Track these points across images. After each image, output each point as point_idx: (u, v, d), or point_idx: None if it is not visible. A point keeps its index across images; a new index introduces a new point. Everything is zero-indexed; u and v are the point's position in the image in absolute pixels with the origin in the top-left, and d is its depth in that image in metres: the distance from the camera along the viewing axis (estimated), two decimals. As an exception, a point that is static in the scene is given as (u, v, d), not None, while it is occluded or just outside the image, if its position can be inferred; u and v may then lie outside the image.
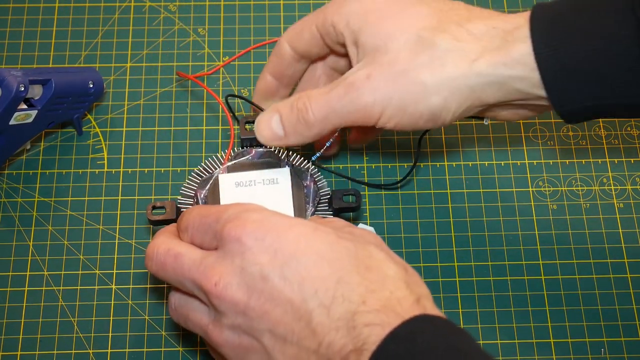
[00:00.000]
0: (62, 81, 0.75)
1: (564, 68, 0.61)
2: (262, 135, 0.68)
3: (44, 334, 0.71)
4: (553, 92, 0.63)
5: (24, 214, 0.77)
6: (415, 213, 0.77)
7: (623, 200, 0.78)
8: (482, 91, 0.63)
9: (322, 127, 0.66)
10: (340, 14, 0.67)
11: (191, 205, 0.70)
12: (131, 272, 0.74)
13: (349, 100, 0.65)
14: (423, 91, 0.63)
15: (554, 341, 0.71)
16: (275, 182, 0.70)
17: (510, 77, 0.63)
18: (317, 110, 0.66)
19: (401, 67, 0.64)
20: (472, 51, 0.63)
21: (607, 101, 0.62)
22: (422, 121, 0.65)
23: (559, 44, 0.61)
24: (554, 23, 0.62)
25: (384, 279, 0.56)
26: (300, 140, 0.68)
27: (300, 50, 0.71)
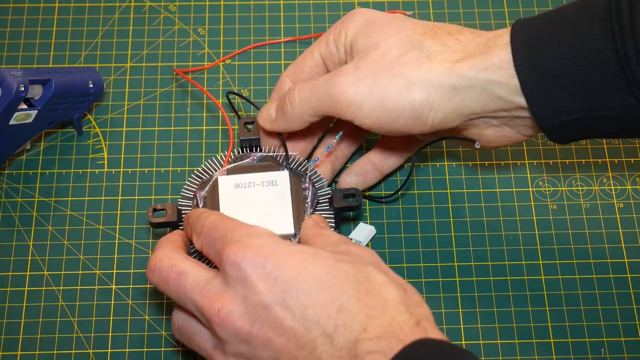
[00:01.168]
0: (62, 81, 0.75)
1: (542, 75, 0.62)
2: (259, 119, 0.71)
3: (44, 334, 0.71)
4: (533, 102, 0.63)
5: (24, 214, 0.77)
6: (415, 213, 0.77)
7: (623, 200, 0.78)
8: (464, 94, 0.64)
9: (303, 107, 0.67)
10: (342, 30, 0.69)
11: (191, 206, 0.70)
12: (131, 272, 0.74)
13: (332, 83, 0.65)
14: (406, 85, 0.64)
15: (554, 341, 0.71)
16: (274, 184, 0.70)
17: (490, 82, 0.63)
18: (301, 90, 0.67)
19: (389, 62, 0.65)
20: (456, 55, 0.64)
21: (587, 113, 0.62)
22: (403, 120, 0.65)
23: (537, 52, 0.62)
24: (533, 32, 0.62)
25: (384, 303, 0.56)
26: (285, 122, 0.69)
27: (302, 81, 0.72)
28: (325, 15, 0.87)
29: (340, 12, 0.88)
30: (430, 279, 0.74)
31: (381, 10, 0.86)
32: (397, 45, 0.65)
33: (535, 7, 0.87)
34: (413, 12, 0.86)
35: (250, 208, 0.69)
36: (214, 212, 0.64)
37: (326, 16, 0.87)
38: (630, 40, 0.59)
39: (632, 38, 0.59)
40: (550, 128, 0.64)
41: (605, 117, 0.62)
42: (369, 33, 0.67)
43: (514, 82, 0.63)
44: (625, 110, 0.61)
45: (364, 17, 0.68)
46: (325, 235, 0.63)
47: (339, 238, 0.62)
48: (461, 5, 0.88)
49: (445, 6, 0.88)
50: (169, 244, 0.64)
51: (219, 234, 0.60)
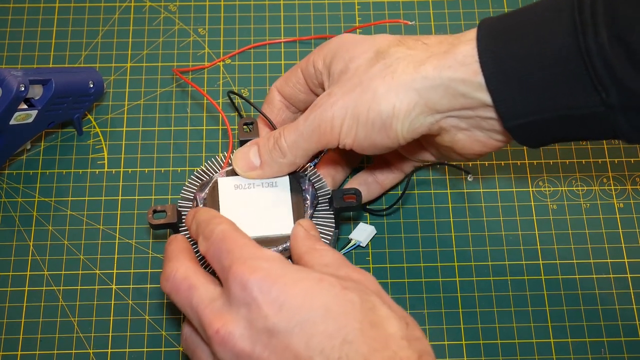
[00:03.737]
0: (62, 81, 0.75)
1: (506, 72, 0.61)
2: (238, 166, 0.70)
3: (44, 333, 0.71)
4: (497, 99, 0.62)
5: (24, 214, 0.77)
6: (416, 213, 0.77)
7: (623, 200, 0.78)
8: (428, 96, 0.63)
9: (294, 153, 0.67)
10: (319, 54, 0.69)
11: (191, 207, 0.70)
12: (131, 272, 0.74)
13: (312, 118, 0.66)
14: (373, 98, 0.64)
15: (554, 341, 0.71)
16: (274, 185, 0.70)
17: (453, 80, 0.63)
18: (288, 135, 0.67)
19: (357, 79, 0.65)
20: (421, 57, 0.64)
21: (554, 113, 0.61)
22: (375, 132, 0.65)
23: (502, 48, 0.61)
24: (499, 29, 0.62)
25: (387, 337, 0.56)
26: (276, 168, 0.69)
27: (287, 95, 0.73)
28: (325, 15, 0.87)
29: (340, 12, 0.88)
30: (430, 279, 0.74)
31: (382, 18, 0.87)
32: (363, 63, 0.65)
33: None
34: (413, 23, 0.86)
35: (250, 209, 0.69)
36: (225, 220, 0.63)
37: (326, 16, 0.87)
38: (592, 35, 0.58)
39: (594, 33, 0.58)
40: (517, 129, 0.63)
41: (572, 117, 0.61)
42: (340, 58, 0.67)
43: (477, 78, 0.62)
44: (590, 109, 0.60)
45: (339, 42, 0.68)
46: (320, 252, 0.62)
47: (335, 257, 0.62)
48: (461, 6, 0.88)
49: (445, 6, 0.88)
50: (185, 254, 0.64)
51: (227, 247, 0.60)
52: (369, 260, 0.75)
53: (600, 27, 0.58)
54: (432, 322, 0.72)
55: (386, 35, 0.68)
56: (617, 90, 0.58)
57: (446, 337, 0.71)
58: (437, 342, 0.71)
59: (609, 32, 0.58)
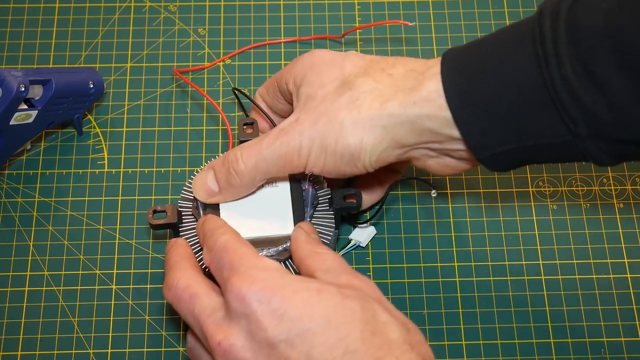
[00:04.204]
0: (62, 81, 0.75)
1: (473, 105, 0.61)
2: (197, 194, 0.69)
3: (44, 334, 0.71)
4: (466, 133, 0.62)
5: (24, 214, 0.77)
6: (416, 213, 0.77)
7: (623, 200, 0.78)
8: (394, 132, 0.63)
9: (251, 176, 0.67)
10: (290, 72, 0.69)
11: (191, 208, 0.70)
12: (131, 272, 0.74)
13: (279, 145, 0.65)
14: (340, 130, 0.63)
15: (554, 341, 0.71)
16: (274, 185, 0.70)
17: (419, 116, 0.62)
18: (247, 159, 0.66)
19: (324, 109, 0.64)
20: (387, 92, 0.63)
21: (522, 143, 0.61)
22: (344, 163, 0.65)
23: (467, 81, 0.61)
24: (463, 61, 0.62)
25: (389, 343, 0.56)
26: (233, 193, 0.68)
27: (268, 103, 0.73)
28: (325, 15, 0.87)
29: (340, 12, 0.88)
30: (430, 279, 0.74)
31: (382, 18, 0.87)
32: (331, 92, 0.65)
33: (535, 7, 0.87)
34: (414, 24, 0.86)
35: (250, 209, 0.69)
36: (229, 230, 0.63)
37: (326, 16, 0.87)
38: (555, 67, 0.57)
39: (557, 65, 0.57)
40: (487, 160, 0.63)
41: (539, 146, 0.61)
42: (309, 81, 0.67)
43: (443, 113, 0.61)
44: (557, 138, 0.60)
45: (309, 62, 0.68)
46: (321, 256, 0.62)
47: (336, 262, 0.62)
48: (461, 6, 0.88)
49: (445, 6, 0.88)
50: (186, 261, 0.64)
51: (228, 258, 0.60)
52: (369, 260, 0.75)
53: (564, 58, 0.57)
54: (432, 322, 0.72)
55: (355, 58, 0.67)
56: (585, 119, 0.58)
57: (446, 337, 0.71)
58: (437, 342, 0.71)
59: (573, 63, 0.57)
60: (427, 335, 0.71)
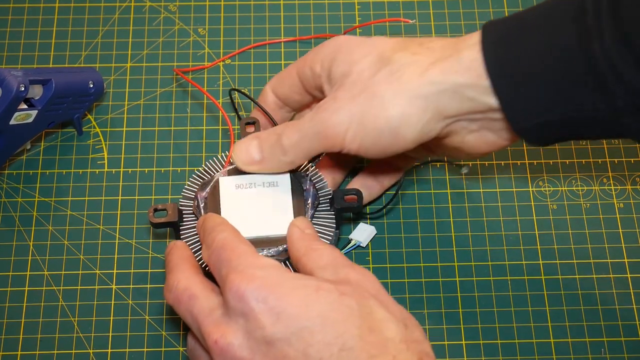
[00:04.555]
0: (62, 81, 0.75)
1: (512, 76, 0.61)
2: (238, 159, 0.69)
3: (44, 333, 0.71)
4: (504, 103, 0.62)
5: (24, 214, 0.77)
6: (416, 213, 0.77)
7: (623, 200, 0.78)
8: (437, 101, 0.63)
9: (295, 153, 0.67)
10: (316, 57, 0.69)
11: (192, 207, 0.70)
12: (131, 272, 0.74)
13: (317, 121, 0.65)
14: (381, 104, 0.63)
15: (554, 341, 0.71)
16: (275, 185, 0.70)
17: (460, 85, 0.62)
18: (290, 135, 0.67)
19: (362, 85, 0.64)
20: (426, 62, 0.63)
21: (559, 116, 0.61)
22: (384, 139, 0.64)
23: (507, 51, 0.61)
24: (504, 32, 0.62)
25: (386, 341, 0.56)
26: (276, 165, 0.68)
27: (281, 96, 0.73)
28: (325, 15, 0.87)
29: (340, 12, 0.88)
30: (430, 279, 0.74)
31: (382, 18, 0.87)
32: (368, 67, 0.65)
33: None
34: (414, 21, 0.86)
35: (251, 209, 0.69)
36: (228, 228, 0.63)
37: (326, 16, 0.87)
38: (596, 40, 0.58)
39: (598, 38, 0.58)
40: (525, 131, 0.63)
41: (577, 119, 0.61)
42: (340, 61, 0.67)
43: (483, 82, 0.62)
44: (596, 111, 0.60)
45: (336, 45, 0.68)
46: (317, 252, 0.62)
47: (333, 256, 0.61)
48: (461, 6, 0.88)
49: (445, 6, 0.88)
50: (186, 263, 0.64)
51: (226, 256, 0.60)
52: (369, 260, 0.75)
53: (605, 30, 0.57)
54: (432, 322, 0.72)
55: (386, 38, 0.68)
56: (624, 93, 0.58)
57: (446, 337, 0.71)
58: (437, 342, 0.71)
59: (614, 35, 0.57)
60: (427, 335, 0.71)
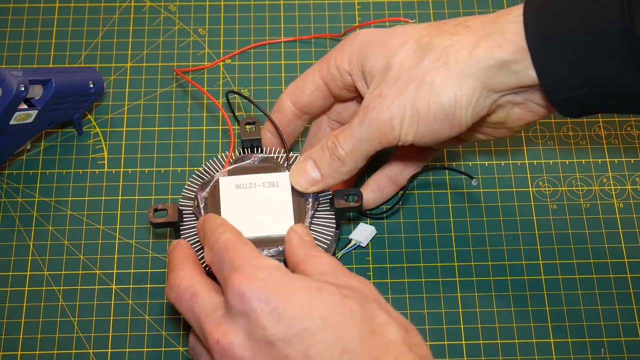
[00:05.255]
0: (62, 81, 0.75)
1: (551, 48, 0.62)
2: (298, 184, 0.69)
3: (44, 333, 0.71)
4: (542, 75, 0.63)
5: (24, 214, 0.77)
6: (416, 213, 0.77)
7: (623, 200, 0.78)
8: (485, 78, 0.64)
9: (353, 159, 0.67)
10: (342, 56, 0.69)
11: (192, 207, 0.70)
12: (131, 272, 0.74)
13: (369, 122, 0.65)
14: (432, 92, 0.64)
15: (554, 341, 0.71)
16: (275, 185, 0.70)
17: (505, 60, 0.63)
18: (344, 144, 0.67)
19: (408, 76, 0.65)
20: (469, 42, 0.64)
21: (595, 90, 0.62)
22: (438, 124, 0.65)
23: (548, 25, 0.62)
24: (545, 5, 0.62)
25: (387, 344, 0.56)
26: (338, 178, 0.68)
27: (302, 104, 0.72)
28: (325, 15, 0.87)
29: (340, 12, 0.88)
30: (430, 279, 0.74)
31: (381, 16, 0.87)
32: (409, 57, 0.65)
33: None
34: (414, 21, 0.86)
35: (252, 209, 0.69)
36: (229, 229, 0.63)
37: (326, 16, 0.87)
38: (638, 15, 0.59)
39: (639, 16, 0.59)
40: (560, 102, 0.64)
41: (613, 93, 0.62)
42: (375, 55, 0.67)
43: (527, 55, 0.62)
44: (632, 88, 0.61)
45: (363, 39, 0.68)
46: (317, 259, 0.62)
47: (332, 264, 0.61)
48: (461, 6, 0.88)
49: (445, 6, 0.88)
50: (189, 262, 0.64)
51: (228, 257, 0.60)
52: (369, 260, 0.75)
53: None
54: (432, 322, 0.72)
55: (416, 24, 0.68)
56: None
57: (446, 337, 0.71)
58: (437, 342, 0.71)
59: None
60: (427, 335, 0.71)
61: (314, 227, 0.69)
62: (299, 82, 0.72)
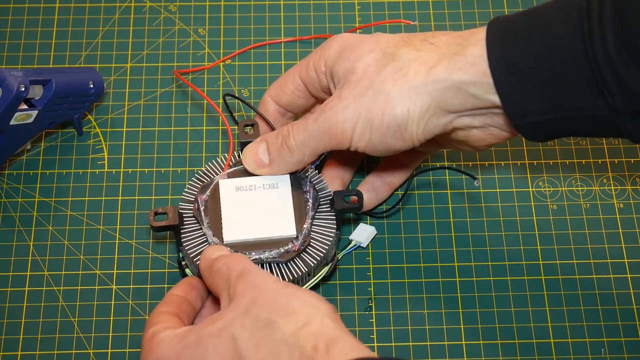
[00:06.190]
0: (62, 81, 0.75)
1: (514, 73, 0.61)
2: (247, 163, 0.70)
3: (44, 334, 0.71)
4: (505, 100, 0.62)
5: (24, 214, 0.77)
6: (416, 213, 0.77)
7: (623, 200, 0.78)
8: (440, 98, 0.64)
9: (302, 152, 0.67)
10: (320, 57, 0.69)
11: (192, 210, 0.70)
12: (131, 272, 0.74)
13: (323, 119, 0.66)
14: (387, 101, 0.64)
15: (554, 341, 0.71)
16: (275, 187, 0.70)
17: (464, 82, 0.63)
18: (296, 134, 0.67)
19: (368, 81, 0.65)
20: (431, 59, 0.64)
21: (559, 114, 0.62)
22: (390, 136, 0.65)
23: (510, 49, 0.62)
24: (508, 29, 0.62)
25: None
26: (284, 167, 0.69)
27: (284, 103, 0.73)
28: (325, 15, 0.87)
29: (340, 12, 0.88)
30: (430, 279, 0.74)
31: (382, 18, 0.87)
32: (373, 64, 0.65)
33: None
34: (415, 23, 0.86)
35: (252, 211, 0.69)
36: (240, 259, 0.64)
37: (326, 16, 0.87)
38: (599, 41, 0.58)
39: (600, 39, 0.58)
40: (524, 127, 0.64)
41: (577, 118, 0.62)
42: (344, 58, 0.67)
43: (487, 79, 0.62)
44: (595, 111, 0.61)
45: (340, 43, 0.68)
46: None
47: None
48: (461, 6, 0.88)
49: (445, 7, 0.88)
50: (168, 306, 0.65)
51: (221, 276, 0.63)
52: (369, 260, 0.75)
53: (608, 33, 0.58)
54: (432, 322, 0.72)
55: (388, 34, 0.68)
56: (623, 95, 0.59)
57: (446, 337, 0.71)
58: (437, 342, 0.71)
59: (617, 38, 0.58)
60: (427, 335, 0.71)
61: (314, 229, 0.69)
62: (280, 81, 0.73)
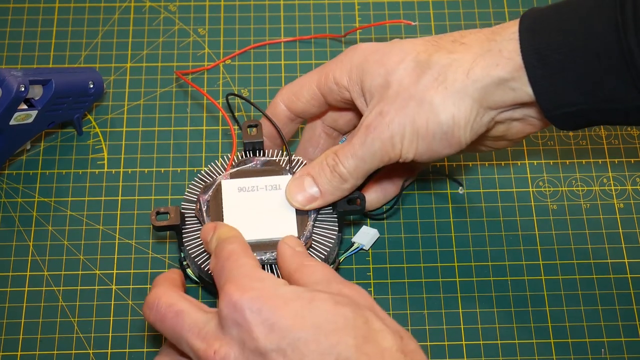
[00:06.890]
0: (62, 81, 0.75)
1: (546, 65, 0.62)
2: (297, 201, 0.69)
3: (44, 334, 0.71)
4: (538, 92, 0.63)
5: (24, 214, 0.77)
6: (416, 213, 0.77)
7: (623, 200, 0.78)
8: (482, 97, 0.64)
9: (355, 177, 0.67)
10: (341, 70, 0.69)
11: (194, 210, 0.70)
12: (131, 273, 0.74)
13: (371, 141, 0.65)
14: (431, 110, 0.64)
15: (554, 341, 0.71)
16: (277, 188, 0.70)
17: (503, 78, 0.63)
18: (345, 161, 0.67)
19: (407, 94, 0.65)
20: (466, 60, 0.64)
21: (591, 105, 0.63)
22: (437, 143, 0.65)
23: (543, 41, 0.62)
24: (540, 22, 0.63)
25: (382, 351, 0.55)
26: (338, 195, 0.68)
27: (297, 110, 0.72)
28: (325, 15, 0.87)
29: (340, 12, 0.88)
30: (430, 279, 0.74)
31: (382, 18, 0.87)
32: (407, 74, 0.65)
33: (535, 7, 0.87)
34: (416, 23, 0.86)
35: (254, 212, 0.69)
36: (237, 240, 0.62)
37: (326, 16, 0.87)
38: (633, 34, 0.59)
39: (635, 32, 0.59)
40: (556, 118, 0.64)
41: (609, 109, 0.63)
42: (374, 73, 0.67)
43: (524, 73, 0.63)
44: (628, 103, 0.62)
45: (362, 56, 0.68)
46: (310, 269, 0.61)
47: (325, 272, 0.61)
48: (461, 6, 0.88)
49: (445, 6, 0.88)
50: (167, 282, 0.63)
51: (228, 266, 0.60)
52: (369, 260, 0.75)
53: None
54: (432, 322, 0.72)
55: (410, 40, 0.68)
56: None
57: (446, 337, 0.71)
58: (437, 343, 0.71)
59: None
60: (427, 335, 0.71)
61: (316, 230, 0.69)
62: (294, 87, 0.72)
